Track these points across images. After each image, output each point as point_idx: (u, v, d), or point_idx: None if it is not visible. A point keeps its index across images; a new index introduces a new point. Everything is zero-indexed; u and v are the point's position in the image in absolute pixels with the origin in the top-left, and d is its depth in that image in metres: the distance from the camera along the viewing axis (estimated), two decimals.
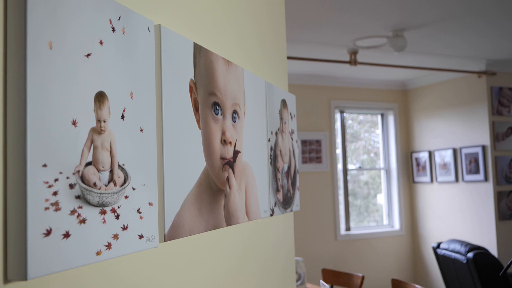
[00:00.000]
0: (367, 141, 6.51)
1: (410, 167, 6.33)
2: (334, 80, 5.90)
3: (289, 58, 4.33)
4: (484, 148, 5.28)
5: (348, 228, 5.98)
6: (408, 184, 6.33)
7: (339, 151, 6.08)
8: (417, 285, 3.06)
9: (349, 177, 6.22)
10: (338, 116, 6.12)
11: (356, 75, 5.83)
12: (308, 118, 5.74)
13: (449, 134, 5.74)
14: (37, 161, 0.66)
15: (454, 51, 4.81)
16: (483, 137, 5.31)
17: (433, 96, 6.03)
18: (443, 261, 4.57)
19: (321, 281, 2.44)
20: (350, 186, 6.22)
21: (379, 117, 6.47)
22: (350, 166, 6.24)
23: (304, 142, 5.68)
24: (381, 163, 6.43)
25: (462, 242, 4.33)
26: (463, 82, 5.59)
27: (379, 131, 6.49)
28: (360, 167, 6.33)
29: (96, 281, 0.82)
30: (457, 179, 5.63)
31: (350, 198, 6.18)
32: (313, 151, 5.73)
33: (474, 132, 5.42)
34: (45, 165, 0.67)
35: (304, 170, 5.63)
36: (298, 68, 5.34)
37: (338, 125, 6.11)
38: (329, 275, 3.92)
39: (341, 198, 6.01)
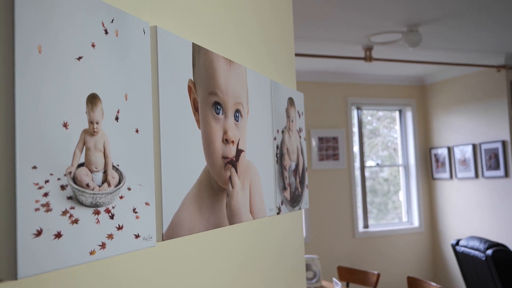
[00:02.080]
0: (385, 137, 6.45)
1: (429, 163, 6.26)
2: (350, 77, 5.87)
3: (303, 55, 4.32)
4: (504, 143, 5.19)
5: (366, 226, 5.94)
6: (427, 180, 6.26)
7: (356, 148, 6.04)
8: (432, 283, 3.03)
9: (368, 174, 6.18)
10: (355, 113, 6.07)
11: (372, 71, 5.78)
12: (325, 115, 5.72)
13: (468, 129, 5.66)
14: (27, 163, 0.67)
15: (471, 45, 4.74)
16: (503, 132, 5.22)
17: (451, 91, 5.94)
18: (462, 258, 4.51)
19: (334, 279, 2.43)
20: (370, 183, 6.18)
21: (397, 113, 6.41)
22: (369, 163, 6.20)
23: (320, 139, 5.65)
24: (399, 160, 6.37)
25: (481, 239, 4.27)
26: (482, 76, 5.50)
27: (397, 127, 6.44)
28: (378, 164, 6.28)
29: (92, 280, 0.84)
30: (476, 175, 5.55)
31: (370, 195, 6.14)
32: (330, 148, 5.70)
33: (493, 127, 5.33)
34: (35, 167, 0.69)
35: (320, 167, 5.61)
36: (313, 66, 5.33)
37: (355, 122, 6.07)
38: (344, 272, 3.90)
39: (358, 195, 5.98)
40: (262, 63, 1.65)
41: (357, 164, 6.01)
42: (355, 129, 6.06)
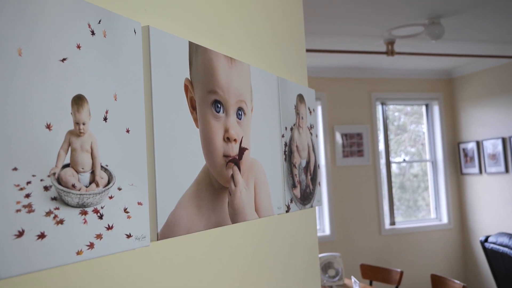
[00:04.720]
0: (414, 132, 6.34)
1: (457, 158, 6.12)
2: (373, 72, 5.78)
3: (324, 51, 4.28)
4: None
5: (392, 222, 5.85)
6: (455, 176, 6.13)
7: (381, 144, 5.95)
8: (456, 280, 2.96)
9: (398, 170, 6.08)
10: (379, 108, 5.98)
11: (396, 66, 5.69)
12: (348, 111, 5.65)
13: (498, 123, 5.51)
14: (6, 165, 0.68)
15: (498, 36, 4.60)
16: None
17: (479, 84, 5.80)
18: (491, 255, 4.40)
19: (352, 277, 2.40)
20: (399, 179, 6.08)
21: (424, 108, 6.29)
22: (397, 159, 6.10)
23: (345, 136, 5.60)
24: (426, 155, 6.25)
25: (510, 236, 4.16)
26: (510, 67, 5.34)
27: (424, 121, 6.32)
28: (404, 160, 6.18)
29: (84, 280, 0.84)
30: (507, 170, 5.40)
31: (399, 192, 6.04)
32: (354, 144, 5.64)
33: None
34: (15, 169, 0.69)
35: (345, 164, 5.56)
36: (336, 62, 5.27)
37: (380, 117, 5.98)
38: (367, 270, 3.85)
39: (385, 192, 5.89)
40: (270, 60, 1.63)
41: (383, 160, 5.92)
42: (381, 125, 5.97)
